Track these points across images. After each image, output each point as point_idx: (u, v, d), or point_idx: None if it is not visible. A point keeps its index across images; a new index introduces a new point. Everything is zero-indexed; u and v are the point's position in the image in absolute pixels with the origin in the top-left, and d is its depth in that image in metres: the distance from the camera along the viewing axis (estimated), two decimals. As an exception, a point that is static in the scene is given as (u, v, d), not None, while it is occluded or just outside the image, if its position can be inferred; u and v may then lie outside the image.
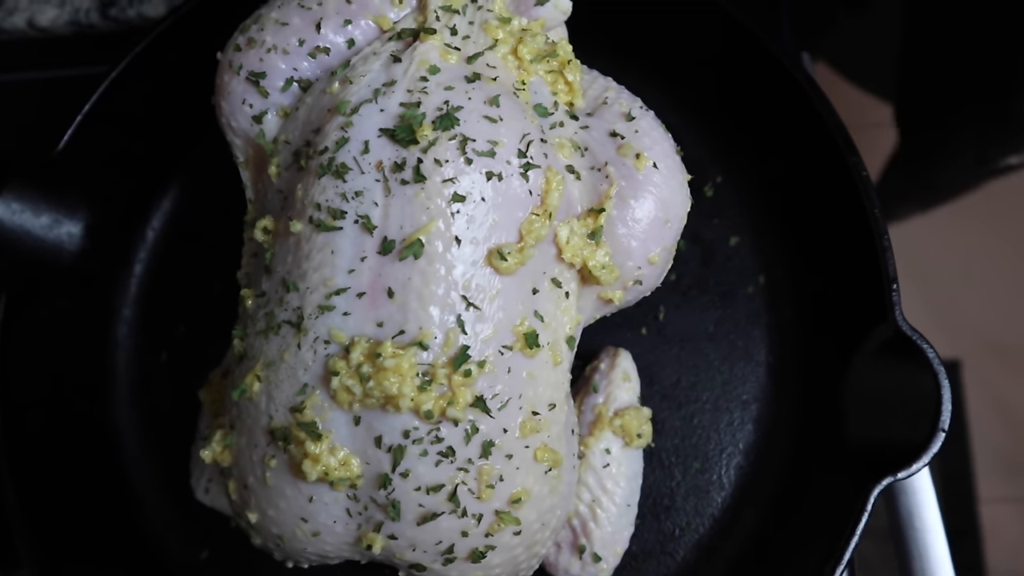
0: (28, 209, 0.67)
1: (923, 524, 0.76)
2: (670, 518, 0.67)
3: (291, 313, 0.51)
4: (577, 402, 0.64)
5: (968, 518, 1.93)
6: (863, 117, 2.04)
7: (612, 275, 0.55)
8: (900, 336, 0.58)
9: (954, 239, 2.02)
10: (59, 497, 0.67)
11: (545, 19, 0.57)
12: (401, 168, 0.50)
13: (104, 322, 0.74)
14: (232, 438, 0.55)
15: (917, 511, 0.77)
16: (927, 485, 0.78)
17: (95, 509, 0.69)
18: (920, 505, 0.77)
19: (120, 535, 0.70)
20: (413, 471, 0.50)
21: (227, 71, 0.57)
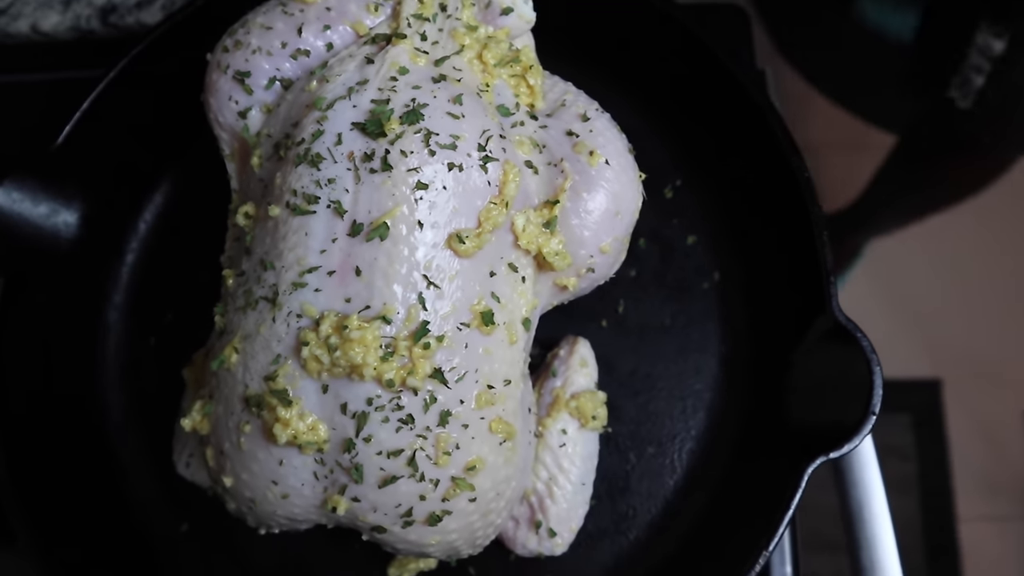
0: (27, 198, 0.71)
1: (871, 514, 0.81)
2: (624, 499, 0.71)
3: (267, 290, 0.56)
4: (537, 386, 0.69)
5: (947, 536, 1.96)
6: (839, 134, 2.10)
7: (565, 261, 0.59)
8: (837, 326, 0.62)
9: (937, 258, 2.06)
10: (48, 473, 0.71)
11: (510, 28, 0.62)
12: (370, 158, 0.54)
13: (96, 307, 0.78)
14: (211, 407, 0.59)
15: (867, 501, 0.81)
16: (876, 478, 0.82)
17: (83, 485, 0.73)
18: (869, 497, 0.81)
19: (106, 509, 0.74)
20: (375, 436, 0.54)
21: (215, 70, 0.61)
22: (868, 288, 2.04)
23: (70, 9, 0.90)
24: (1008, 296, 2.03)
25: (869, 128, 2.07)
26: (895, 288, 2.05)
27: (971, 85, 1.21)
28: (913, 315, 2.03)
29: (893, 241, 2.03)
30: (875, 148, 1.93)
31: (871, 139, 2.04)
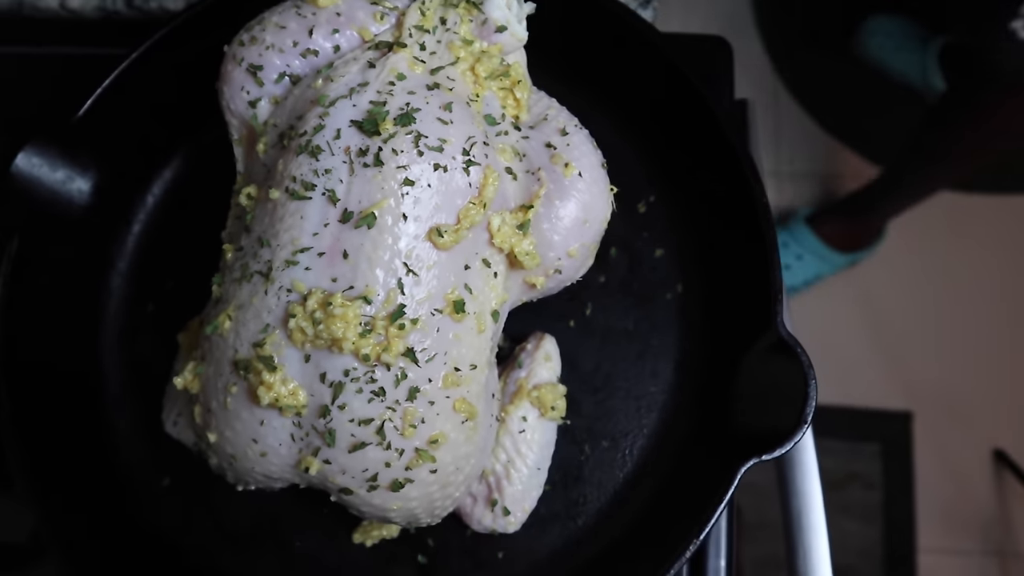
0: (46, 164, 0.77)
1: (809, 523, 0.86)
2: (576, 488, 0.77)
3: (262, 265, 0.61)
4: (503, 375, 0.74)
5: (907, 566, 2.00)
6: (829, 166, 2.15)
7: (534, 261, 0.65)
8: (781, 341, 0.68)
9: (921, 291, 2.09)
10: (46, 422, 0.76)
11: (503, 44, 0.68)
12: (364, 154, 0.60)
13: (101, 271, 0.83)
14: (202, 368, 0.64)
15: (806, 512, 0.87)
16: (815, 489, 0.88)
17: (76, 435, 0.78)
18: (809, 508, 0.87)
19: (96, 460, 0.79)
20: (349, 405, 0.60)
21: (231, 61, 0.67)
22: (851, 314, 2.09)
23: (98, -11, 0.96)
24: (986, 335, 2.06)
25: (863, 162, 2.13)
26: (876, 317, 2.09)
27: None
28: (891, 345, 2.07)
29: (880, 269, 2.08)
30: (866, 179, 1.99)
31: (865, 171, 2.10)
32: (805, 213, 2.02)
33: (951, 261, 2.11)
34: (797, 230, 1.98)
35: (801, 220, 2.00)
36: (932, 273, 2.10)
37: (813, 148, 2.19)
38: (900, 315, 2.08)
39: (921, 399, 2.04)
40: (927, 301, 2.09)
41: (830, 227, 1.97)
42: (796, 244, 1.97)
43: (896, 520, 2.02)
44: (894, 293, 2.09)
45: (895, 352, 2.07)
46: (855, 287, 2.09)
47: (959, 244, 2.11)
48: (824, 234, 1.97)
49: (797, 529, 0.87)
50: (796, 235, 1.98)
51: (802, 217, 2.00)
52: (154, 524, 0.79)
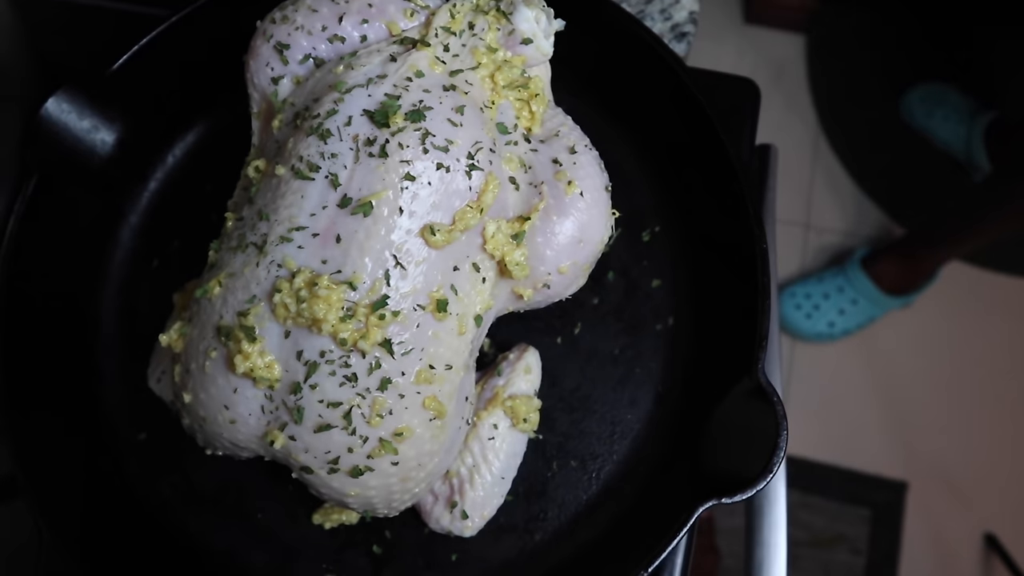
0: (75, 111, 0.79)
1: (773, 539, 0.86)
2: (538, 503, 0.77)
3: (259, 237, 0.63)
4: (481, 381, 0.75)
5: (884, 640, 1.97)
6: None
7: (523, 272, 0.66)
8: (759, 388, 0.68)
9: (932, 362, 2.08)
10: (36, 358, 0.78)
11: (527, 57, 0.69)
12: (371, 144, 0.61)
13: (113, 223, 0.85)
14: (188, 329, 0.66)
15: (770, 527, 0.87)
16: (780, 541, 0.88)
17: (63, 375, 0.80)
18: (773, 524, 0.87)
19: (78, 402, 0.81)
20: (320, 386, 0.61)
21: (260, 37, 0.69)
22: (861, 375, 2.07)
23: (155, -48, 0.98)
24: (993, 416, 2.04)
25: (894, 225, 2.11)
26: (886, 381, 2.08)
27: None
28: (897, 412, 2.05)
29: (898, 335, 2.06)
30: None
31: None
32: (862, 255, 2.01)
33: (969, 336, 2.09)
34: (853, 274, 1.98)
35: (857, 262, 1.99)
36: (949, 346, 2.09)
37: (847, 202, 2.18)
38: (911, 383, 2.07)
39: (919, 471, 2.03)
40: (940, 373, 2.07)
41: (883, 268, 1.97)
42: (852, 289, 1.97)
43: (877, 593, 2.00)
44: (908, 360, 2.08)
45: (900, 420, 2.05)
46: (870, 348, 2.08)
47: (981, 320, 2.10)
48: (877, 276, 1.97)
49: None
50: (852, 279, 1.98)
51: (858, 259, 2.00)
52: (124, 474, 0.80)
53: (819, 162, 2.21)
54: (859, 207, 2.18)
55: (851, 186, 2.19)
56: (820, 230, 2.17)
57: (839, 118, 2.22)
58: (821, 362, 2.06)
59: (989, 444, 2.03)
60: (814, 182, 2.20)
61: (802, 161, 2.20)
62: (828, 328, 2.00)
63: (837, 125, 2.22)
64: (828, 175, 2.20)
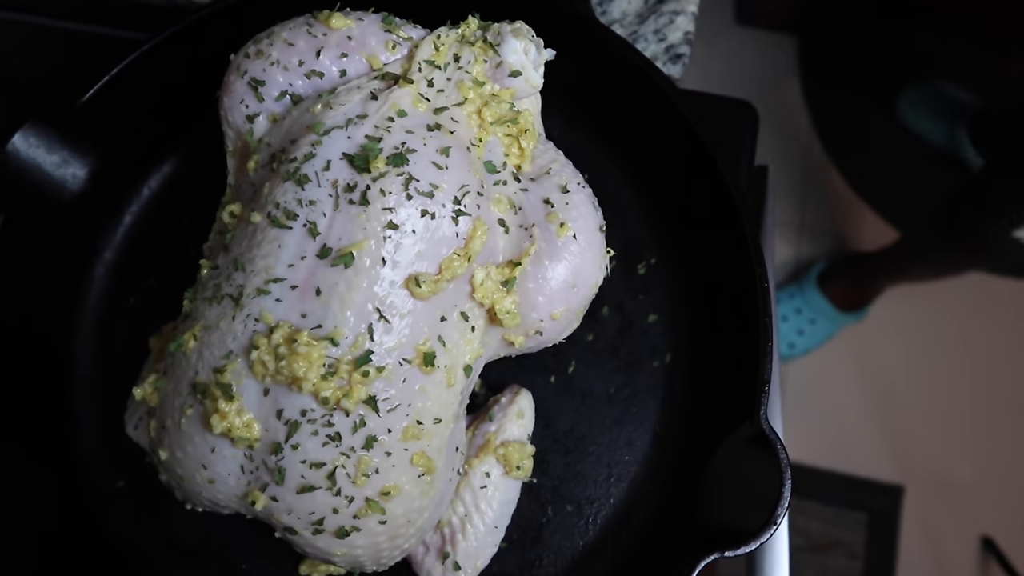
0: (44, 145, 0.75)
1: None
2: (533, 549, 0.74)
3: (234, 289, 0.59)
4: (472, 427, 0.72)
5: (880, 645, 1.96)
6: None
7: (515, 321, 0.63)
8: (760, 434, 0.65)
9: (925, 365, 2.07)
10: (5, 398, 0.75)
11: (516, 90, 0.66)
12: (352, 190, 0.58)
13: (86, 260, 0.82)
14: (163, 383, 0.62)
15: None
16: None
17: (36, 421, 0.77)
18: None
19: (52, 450, 0.77)
20: (302, 446, 0.58)
21: (234, 72, 0.65)
22: (854, 380, 2.06)
23: (126, -29, 0.95)
24: (989, 419, 2.03)
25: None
26: (880, 386, 2.07)
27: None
28: (890, 417, 2.04)
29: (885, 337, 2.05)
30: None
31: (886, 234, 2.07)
32: (818, 271, 2.01)
33: (964, 339, 2.08)
34: (809, 293, 1.98)
35: (813, 280, 1.99)
36: (943, 349, 2.07)
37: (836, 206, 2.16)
38: (904, 387, 2.06)
39: (915, 474, 2.02)
40: (933, 376, 2.06)
41: (837, 288, 1.98)
42: (809, 309, 1.98)
43: (874, 597, 1.99)
44: (901, 364, 2.07)
45: (894, 424, 2.04)
46: (862, 353, 2.07)
47: (976, 323, 2.08)
48: (832, 295, 1.97)
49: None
50: (808, 299, 1.98)
51: (814, 277, 1.99)
52: (102, 524, 0.77)
53: (812, 162, 2.18)
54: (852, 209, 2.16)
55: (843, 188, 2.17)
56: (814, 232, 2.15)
57: (832, 117, 2.20)
58: (812, 368, 2.05)
59: (984, 447, 2.02)
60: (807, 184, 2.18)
61: (793, 161, 2.18)
62: (788, 349, 2.00)
63: (829, 124, 2.19)
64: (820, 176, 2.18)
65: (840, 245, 2.15)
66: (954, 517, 1.98)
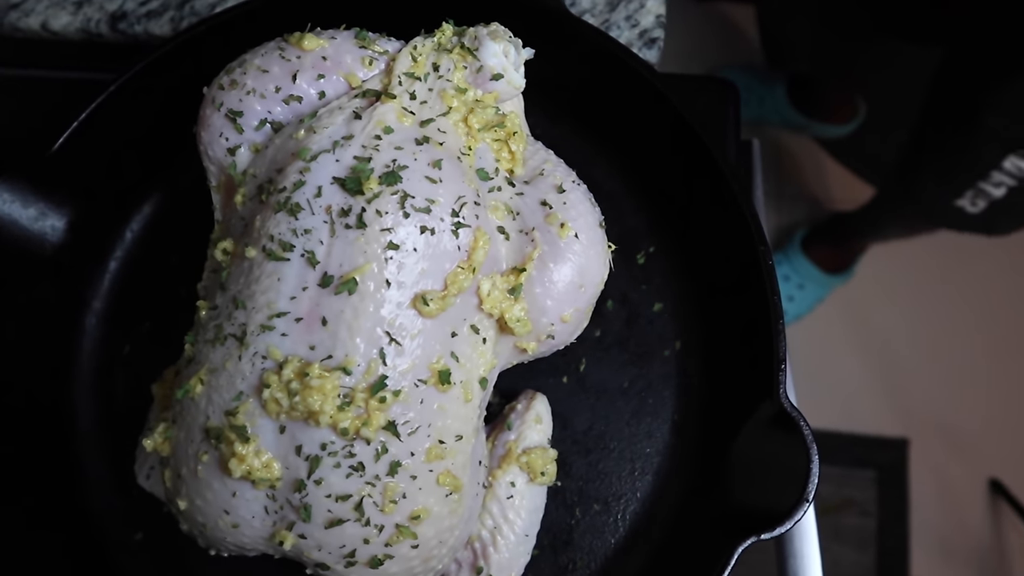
0: (18, 200, 0.73)
1: None
2: (566, 553, 0.73)
3: (237, 328, 0.58)
4: (491, 437, 0.71)
5: (900, 595, 1.98)
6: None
7: (526, 328, 0.62)
8: (782, 412, 0.64)
9: (917, 318, 2.09)
10: (12, 464, 0.73)
11: (499, 93, 0.64)
12: (347, 214, 0.57)
13: (75, 311, 0.80)
14: (173, 431, 0.61)
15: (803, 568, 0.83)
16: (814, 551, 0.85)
17: (44, 483, 0.75)
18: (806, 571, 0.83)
19: (65, 510, 0.75)
20: (326, 480, 0.56)
21: (209, 106, 0.64)
22: (848, 340, 2.07)
23: (81, 11, 0.92)
24: (985, 365, 2.05)
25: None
26: (874, 343, 2.08)
27: (988, 196, 1.26)
28: (886, 372, 2.06)
29: (875, 295, 2.06)
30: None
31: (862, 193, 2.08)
32: (801, 236, 2.01)
33: (951, 288, 2.09)
34: (795, 259, 1.98)
35: (797, 246, 1.99)
36: (932, 301, 2.09)
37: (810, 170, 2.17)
38: (899, 341, 2.07)
39: (918, 426, 2.03)
40: (926, 327, 2.07)
41: (821, 251, 1.98)
42: (796, 275, 1.98)
43: (890, 547, 2.00)
44: (893, 319, 2.08)
45: (892, 379, 2.05)
46: (853, 313, 2.08)
47: (960, 272, 2.10)
48: (817, 259, 1.98)
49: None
50: (794, 264, 1.98)
51: (798, 243, 2.00)
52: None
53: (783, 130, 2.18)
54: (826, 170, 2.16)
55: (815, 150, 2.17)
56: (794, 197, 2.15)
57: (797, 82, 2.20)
58: (806, 333, 2.05)
59: (983, 391, 2.04)
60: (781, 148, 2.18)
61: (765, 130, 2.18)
62: None
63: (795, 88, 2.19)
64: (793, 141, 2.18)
65: (818, 208, 2.15)
66: (961, 464, 2.00)
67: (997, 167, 1.18)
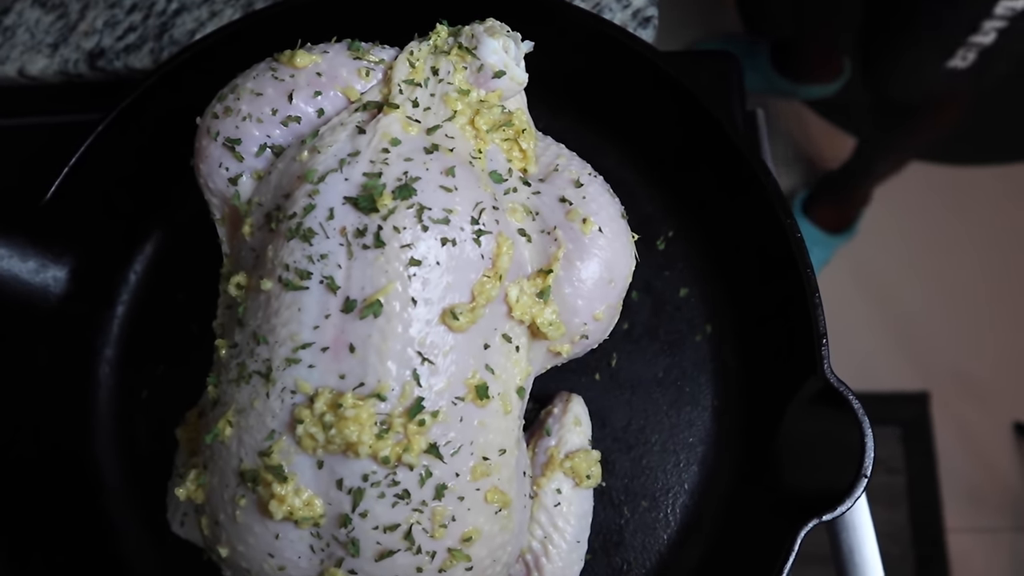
0: (15, 255, 0.71)
1: (863, 559, 0.81)
2: (619, 553, 0.71)
3: (261, 364, 0.56)
4: (531, 445, 0.69)
5: (936, 548, 1.97)
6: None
7: (559, 331, 0.59)
8: (828, 388, 0.62)
9: (921, 270, 2.07)
10: (41, 530, 0.71)
11: (502, 90, 0.62)
12: (363, 234, 0.54)
13: (87, 361, 0.77)
14: (205, 477, 0.59)
15: (857, 546, 0.81)
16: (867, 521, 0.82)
17: (76, 541, 0.73)
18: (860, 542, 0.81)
19: (99, 567, 0.73)
20: (371, 512, 0.54)
21: (205, 136, 0.61)
22: (855, 298, 2.05)
23: (58, 53, 0.90)
24: (992, 305, 2.04)
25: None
26: (882, 299, 2.06)
27: (978, 47, 1.23)
28: (899, 327, 2.04)
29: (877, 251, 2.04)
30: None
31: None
32: (801, 200, 1.99)
33: (951, 235, 2.08)
34: (799, 222, 1.96)
35: (798, 210, 1.97)
36: (938, 249, 2.07)
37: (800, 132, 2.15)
38: (909, 294, 2.05)
39: (938, 378, 2.02)
40: (935, 277, 2.06)
41: (821, 212, 1.96)
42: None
43: (922, 503, 1.99)
44: (901, 273, 2.06)
45: (908, 332, 2.04)
46: (860, 271, 2.06)
47: (956, 216, 2.08)
48: (818, 221, 1.96)
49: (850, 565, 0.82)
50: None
51: (799, 207, 1.98)
52: (169, 634, 0.73)
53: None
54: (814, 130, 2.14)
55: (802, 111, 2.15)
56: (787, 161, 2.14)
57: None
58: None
59: (998, 334, 2.02)
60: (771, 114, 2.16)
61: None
62: None
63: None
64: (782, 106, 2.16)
65: (812, 171, 2.13)
66: (983, 410, 1.99)
67: (989, 15, 1.16)
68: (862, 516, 0.79)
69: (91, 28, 0.90)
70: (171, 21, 0.89)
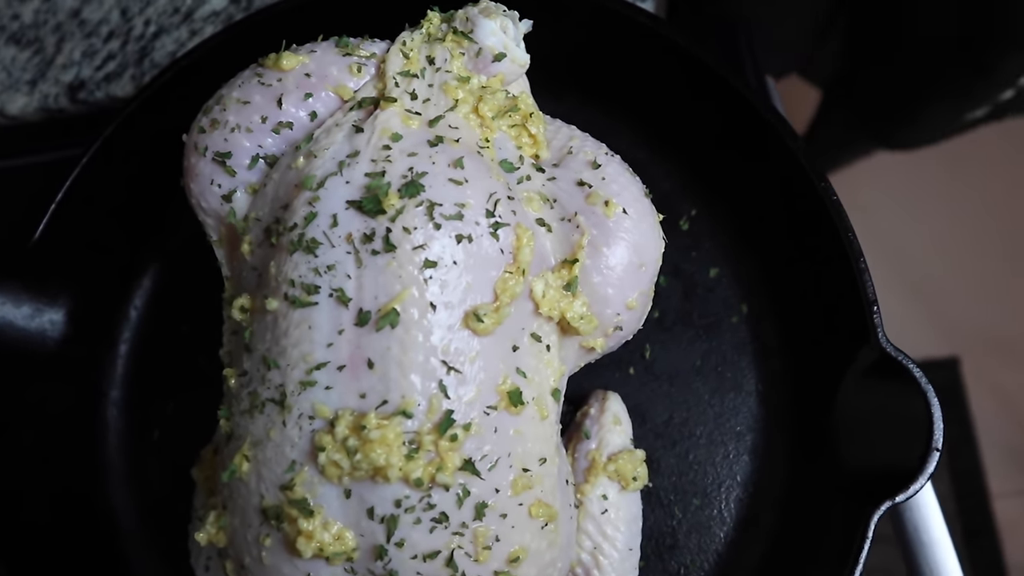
0: (9, 301, 0.67)
1: (930, 538, 0.76)
2: (674, 557, 0.67)
3: (274, 391, 0.51)
4: (570, 450, 0.64)
5: (983, 516, 1.92)
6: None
7: (591, 324, 0.55)
8: (885, 358, 0.58)
9: (944, 235, 2.03)
10: None
11: (504, 74, 0.58)
12: (371, 239, 0.50)
13: (93, 405, 0.73)
14: (226, 519, 0.54)
15: (923, 524, 0.76)
16: (931, 499, 0.77)
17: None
18: (926, 519, 0.76)
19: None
20: (408, 539, 0.50)
21: (193, 153, 0.57)
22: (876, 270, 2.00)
23: (37, 89, 0.86)
24: (1012, 263, 1.99)
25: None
26: (900, 266, 2.02)
27: None
28: (921, 293, 2.00)
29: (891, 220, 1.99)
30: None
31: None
32: None
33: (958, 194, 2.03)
34: None
35: None
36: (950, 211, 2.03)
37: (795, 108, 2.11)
38: (927, 259, 2.01)
39: (965, 341, 1.97)
40: (950, 239, 2.02)
41: None
42: None
43: (964, 470, 1.94)
44: (917, 238, 2.02)
45: (931, 298, 2.00)
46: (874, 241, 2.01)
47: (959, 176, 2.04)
48: None
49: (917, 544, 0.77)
50: None
51: None
52: None
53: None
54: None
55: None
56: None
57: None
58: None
59: (1018, 290, 1.96)
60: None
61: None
62: None
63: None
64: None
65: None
66: (1015, 369, 1.94)
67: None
68: (926, 492, 0.74)
69: (69, 60, 0.86)
70: (150, 45, 0.86)
